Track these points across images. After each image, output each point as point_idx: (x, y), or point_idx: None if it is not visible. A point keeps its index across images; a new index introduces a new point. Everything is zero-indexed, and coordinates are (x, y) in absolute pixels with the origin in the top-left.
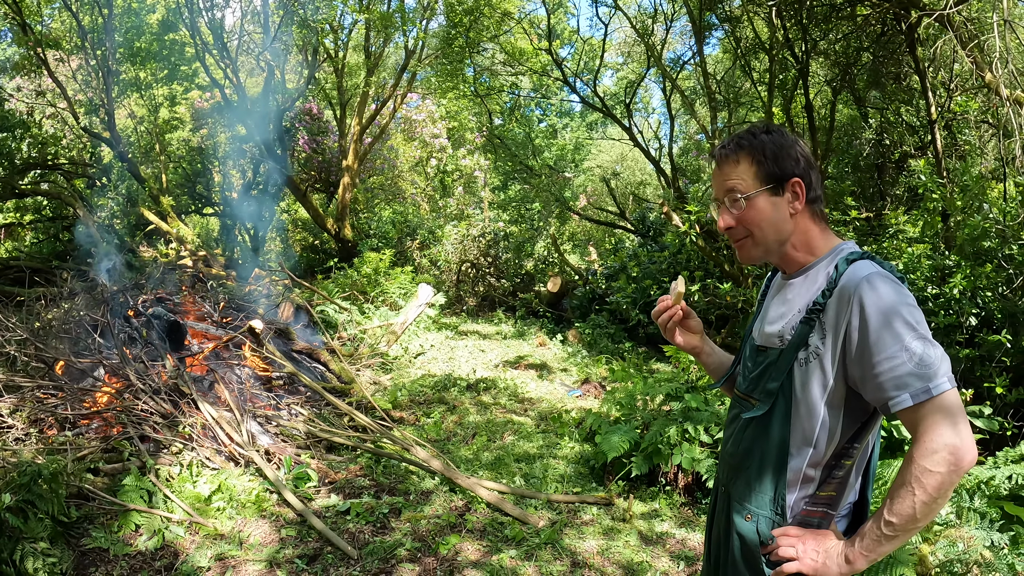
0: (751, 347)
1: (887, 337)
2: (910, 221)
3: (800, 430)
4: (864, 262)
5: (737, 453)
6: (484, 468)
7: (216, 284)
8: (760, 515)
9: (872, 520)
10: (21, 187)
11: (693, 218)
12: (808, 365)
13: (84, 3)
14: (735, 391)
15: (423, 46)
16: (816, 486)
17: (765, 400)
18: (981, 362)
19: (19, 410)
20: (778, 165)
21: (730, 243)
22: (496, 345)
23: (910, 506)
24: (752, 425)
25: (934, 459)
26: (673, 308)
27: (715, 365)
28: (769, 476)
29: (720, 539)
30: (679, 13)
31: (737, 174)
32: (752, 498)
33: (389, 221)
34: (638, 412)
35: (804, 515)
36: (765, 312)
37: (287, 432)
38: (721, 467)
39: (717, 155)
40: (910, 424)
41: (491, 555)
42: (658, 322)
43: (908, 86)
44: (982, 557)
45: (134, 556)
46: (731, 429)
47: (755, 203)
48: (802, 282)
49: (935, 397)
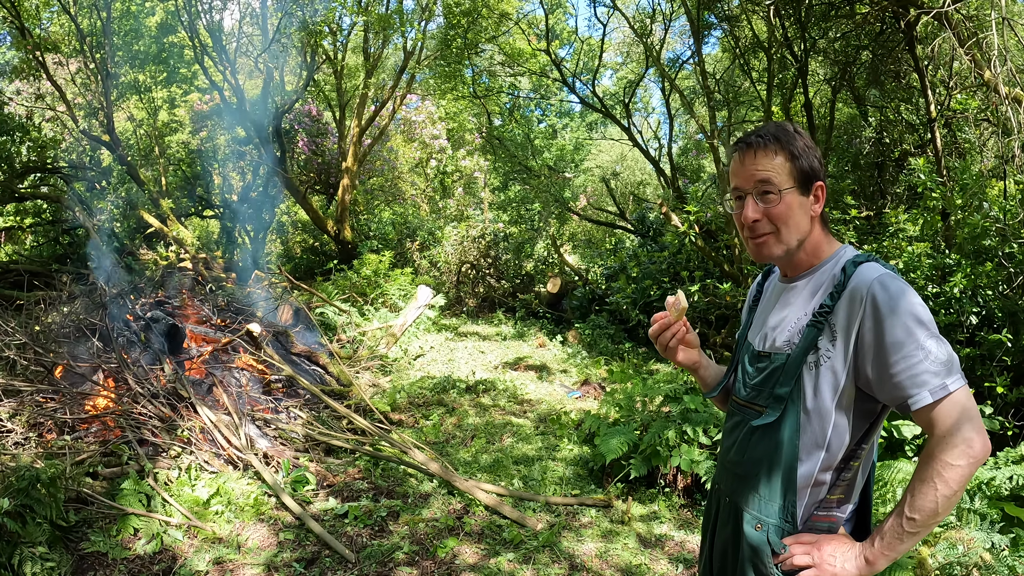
0: (750, 353)
1: (903, 336)
2: (910, 220)
3: (811, 435)
4: (872, 264)
5: (743, 462)
6: (483, 470)
7: (215, 287)
8: (770, 524)
9: (892, 518)
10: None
11: (692, 218)
12: (818, 368)
13: (83, 6)
14: (734, 399)
15: (422, 47)
16: (826, 490)
17: (774, 407)
18: (982, 361)
19: (18, 414)
20: (811, 167)
21: (747, 237)
22: (496, 346)
23: (932, 501)
24: (759, 432)
25: (954, 453)
26: (676, 326)
27: (711, 378)
28: (779, 484)
29: (727, 550)
30: (678, 13)
31: (773, 167)
32: (761, 507)
33: (389, 222)
34: (637, 414)
35: (814, 520)
36: (764, 317)
37: (286, 435)
38: (723, 476)
39: (751, 143)
40: (927, 421)
41: (489, 558)
42: (657, 340)
43: (907, 84)
44: (982, 560)
45: (132, 560)
46: (732, 437)
47: (786, 199)
48: (805, 285)
49: (952, 393)
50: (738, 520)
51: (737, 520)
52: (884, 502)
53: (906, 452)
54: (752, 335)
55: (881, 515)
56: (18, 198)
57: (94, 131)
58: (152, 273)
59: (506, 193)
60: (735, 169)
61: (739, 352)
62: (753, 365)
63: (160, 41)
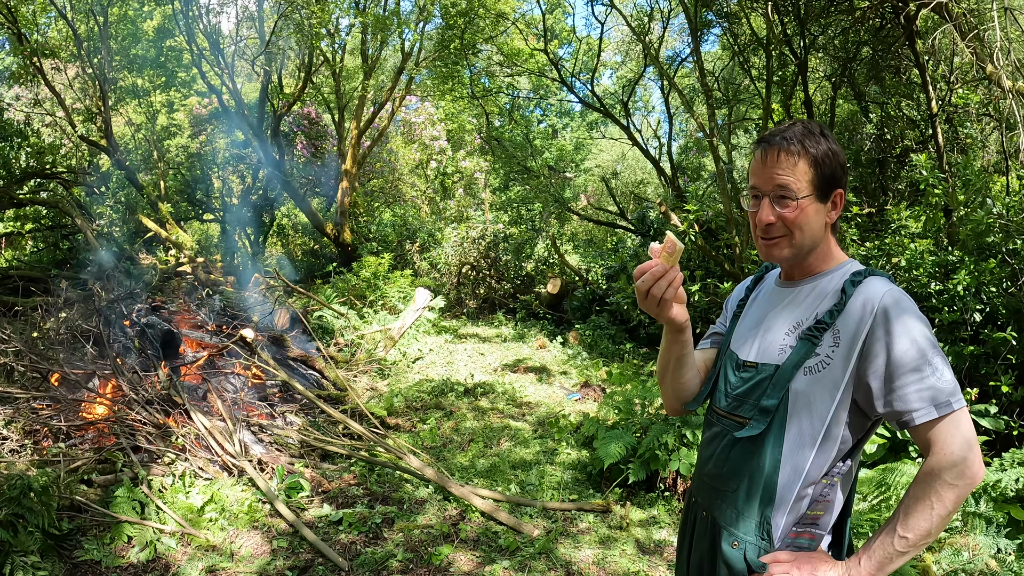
0: (734, 362)
1: (913, 352)
2: (912, 217)
3: (796, 449)
4: (880, 278)
5: (721, 475)
6: (479, 476)
7: (212, 291)
8: (747, 541)
9: (882, 536)
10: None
11: (692, 217)
12: (817, 374)
13: (80, 12)
14: (714, 408)
15: (420, 48)
16: (807, 506)
17: (759, 419)
18: (986, 360)
19: (14, 421)
20: (833, 174)
21: (758, 236)
22: (496, 348)
23: (927, 520)
24: (740, 445)
25: (953, 472)
26: (672, 272)
27: (688, 356)
28: (756, 499)
29: (702, 566)
30: (676, 11)
31: (794, 173)
32: (739, 523)
33: (389, 224)
34: (636, 417)
35: (793, 537)
36: (753, 324)
37: (281, 441)
38: (701, 489)
39: (774, 143)
40: (927, 438)
41: (484, 566)
42: (650, 290)
43: (908, 80)
44: (987, 566)
45: (126, 568)
46: (711, 449)
47: (803, 206)
48: (810, 291)
49: (955, 412)
50: (715, 536)
51: (714, 536)
52: (888, 507)
53: (910, 453)
54: (736, 343)
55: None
56: (17, 204)
57: (92, 136)
58: (150, 278)
59: (507, 194)
60: (755, 168)
61: (720, 359)
62: (737, 374)
63: (158, 45)
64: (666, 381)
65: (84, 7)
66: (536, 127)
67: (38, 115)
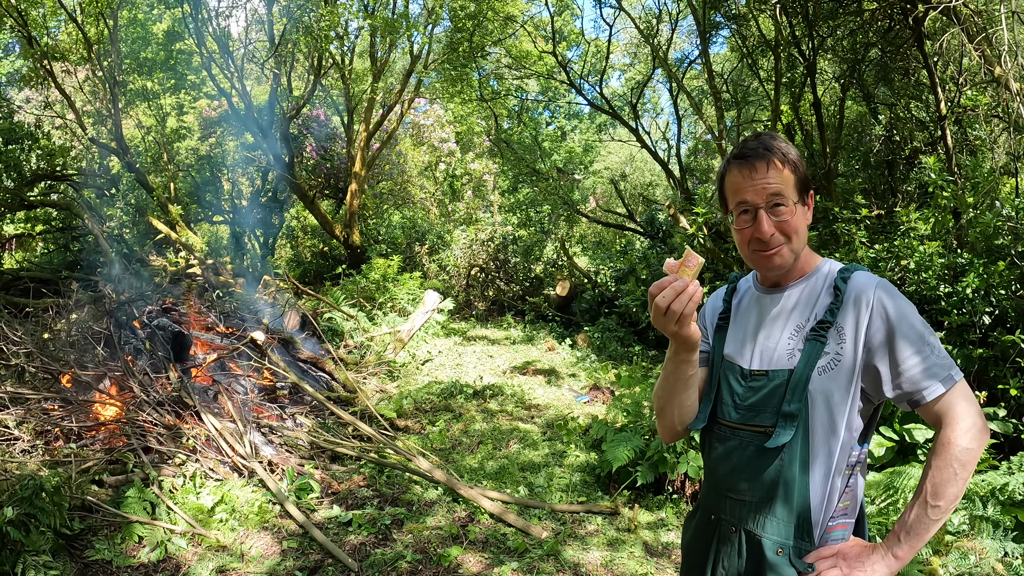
0: (737, 373)
1: (912, 334)
2: (921, 219)
3: (822, 445)
4: (863, 271)
5: (753, 487)
6: (488, 477)
7: (223, 293)
8: (789, 546)
9: (915, 510)
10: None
11: (701, 220)
12: (831, 372)
13: (89, 15)
14: (721, 423)
15: (428, 51)
16: (838, 499)
17: (786, 425)
18: (995, 362)
19: (25, 422)
20: (805, 176)
21: (755, 250)
22: (504, 350)
23: (955, 485)
24: (768, 454)
25: (968, 436)
26: (692, 287)
27: (696, 375)
28: (793, 503)
29: None
30: (684, 13)
31: (782, 180)
32: (780, 530)
33: (398, 226)
34: (644, 419)
35: (831, 532)
36: (748, 333)
37: (290, 442)
38: (725, 506)
39: (760, 157)
40: (938, 411)
41: (492, 568)
42: (670, 307)
43: (917, 81)
44: (994, 570)
45: (136, 568)
46: (730, 464)
47: (796, 210)
48: (800, 293)
49: (958, 382)
50: (755, 549)
51: (753, 549)
52: (895, 510)
53: (918, 456)
54: (732, 354)
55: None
56: (28, 206)
57: (103, 138)
58: (160, 280)
59: (515, 196)
60: (739, 184)
61: (715, 372)
62: (744, 384)
63: (168, 48)
64: (671, 405)
65: (94, 10)
66: (545, 129)
67: (48, 118)
